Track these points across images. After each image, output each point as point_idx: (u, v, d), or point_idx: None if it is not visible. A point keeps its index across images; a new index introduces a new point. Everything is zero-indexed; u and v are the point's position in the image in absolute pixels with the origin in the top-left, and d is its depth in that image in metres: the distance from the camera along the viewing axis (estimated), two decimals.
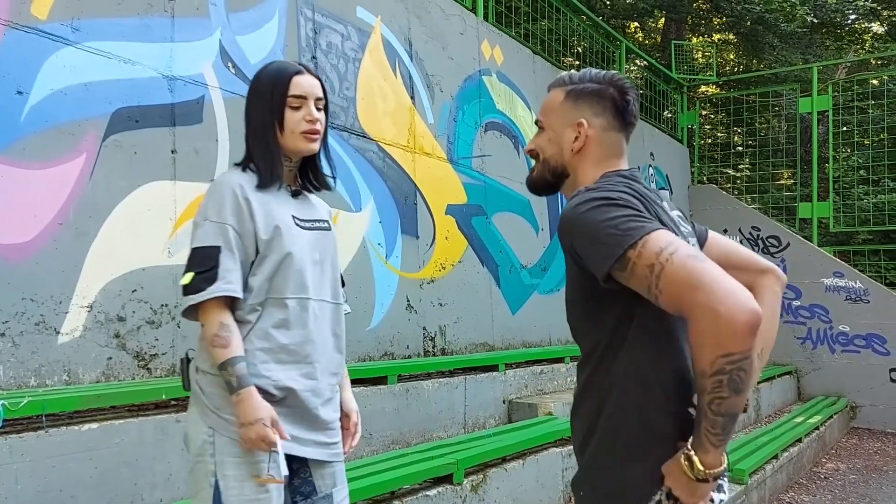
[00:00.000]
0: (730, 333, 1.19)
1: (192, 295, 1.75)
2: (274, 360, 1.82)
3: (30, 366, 3.08)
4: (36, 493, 2.55)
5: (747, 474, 5.18)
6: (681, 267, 1.24)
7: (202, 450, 1.79)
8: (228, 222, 1.80)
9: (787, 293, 9.81)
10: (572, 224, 1.38)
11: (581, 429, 1.55)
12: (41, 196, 3.17)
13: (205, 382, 1.83)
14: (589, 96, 1.55)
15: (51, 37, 3.25)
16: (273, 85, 1.90)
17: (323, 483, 1.92)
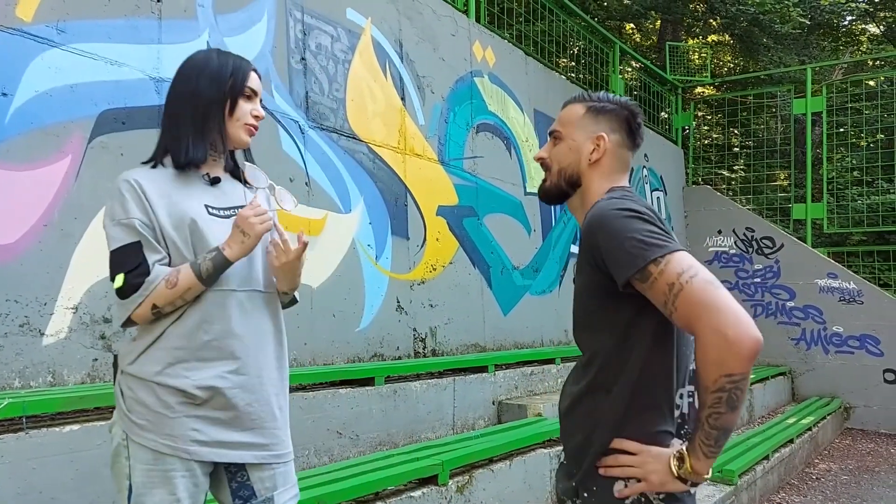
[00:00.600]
0: (734, 356, 1.32)
1: (135, 293, 1.71)
2: (195, 358, 1.75)
3: (14, 367, 3.08)
4: (15, 494, 2.55)
5: (737, 475, 5.18)
6: (699, 290, 1.36)
7: (118, 451, 1.78)
8: (135, 216, 1.74)
9: (781, 294, 9.84)
10: (602, 225, 1.49)
11: (580, 430, 1.58)
12: (26, 197, 3.17)
13: (125, 385, 1.78)
14: (608, 114, 1.68)
15: (36, 38, 3.25)
16: (233, 70, 1.86)
17: (262, 486, 1.84)
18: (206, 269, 1.73)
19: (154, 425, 1.72)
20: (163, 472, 1.71)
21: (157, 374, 1.73)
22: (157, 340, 1.75)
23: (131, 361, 1.76)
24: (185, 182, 1.82)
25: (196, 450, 1.73)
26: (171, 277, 1.71)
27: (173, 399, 1.72)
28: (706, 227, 10.56)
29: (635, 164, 9.19)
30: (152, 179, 1.79)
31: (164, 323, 1.75)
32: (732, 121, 12.11)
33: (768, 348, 9.89)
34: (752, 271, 10.10)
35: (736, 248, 10.26)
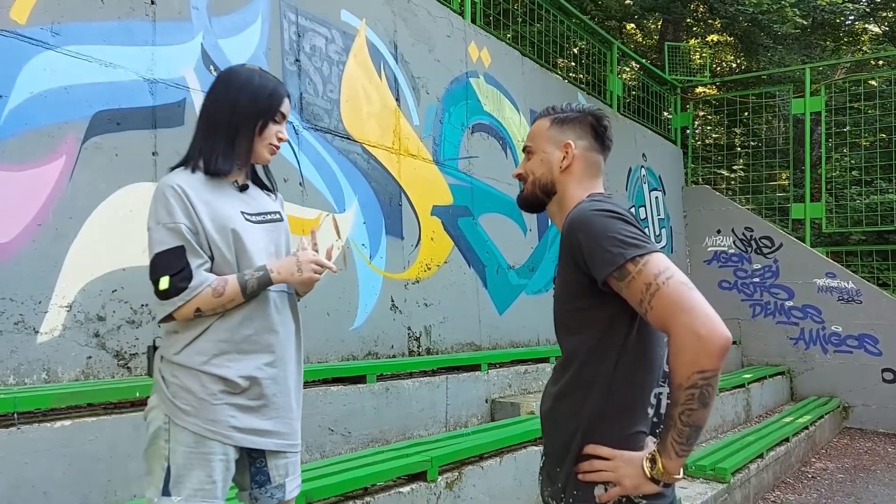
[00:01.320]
0: (706, 353, 1.38)
1: (178, 296, 1.83)
2: (237, 350, 1.90)
3: (9, 364, 3.13)
4: (8, 488, 2.60)
5: (729, 473, 5.21)
6: (674, 291, 1.42)
7: (157, 434, 1.88)
8: (180, 220, 1.86)
9: (780, 293, 9.85)
10: (584, 224, 1.54)
11: (560, 432, 1.62)
12: (20, 198, 3.22)
13: (167, 372, 1.90)
14: (572, 122, 1.76)
15: (30, 41, 3.30)
16: (270, 93, 2.02)
17: (277, 473, 2.01)
18: (252, 286, 1.90)
19: (197, 410, 1.85)
20: (202, 454, 1.85)
21: (204, 364, 1.87)
22: (203, 333, 1.89)
23: (177, 351, 1.89)
24: (219, 188, 1.97)
25: (233, 435, 1.88)
26: (218, 287, 1.86)
27: (216, 387, 1.87)
28: (705, 226, 10.58)
29: (633, 163, 9.23)
30: (192, 185, 1.92)
31: (208, 319, 1.89)
32: (732, 121, 12.13)
33: (766, 348, 9.91)
34: (750, 271, 10.12)
35: (735, 248, 10.28)
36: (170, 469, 1.84)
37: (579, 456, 1.57)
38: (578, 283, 1.56)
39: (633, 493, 1.53)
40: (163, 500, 1.84)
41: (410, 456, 3.56)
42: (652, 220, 9.73)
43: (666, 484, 1.52)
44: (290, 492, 2.04)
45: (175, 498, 1.83)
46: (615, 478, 1.52)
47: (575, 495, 1.57)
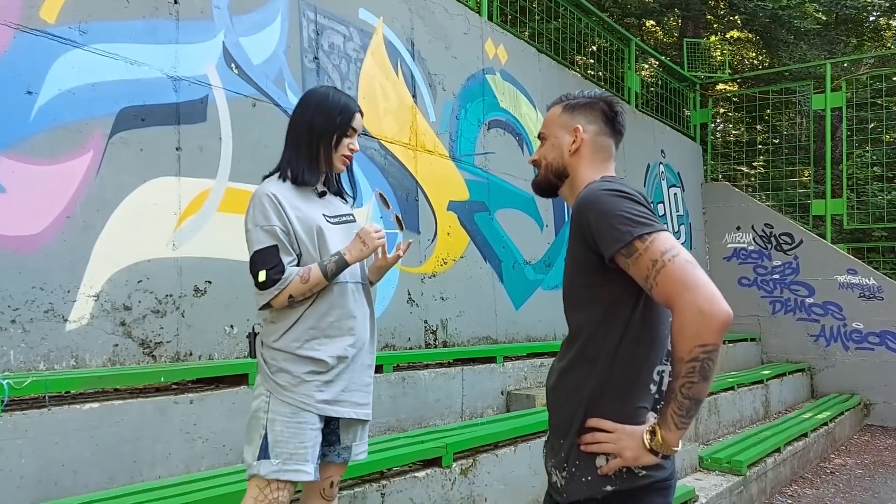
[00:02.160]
0: (707, 328, 1.45)
1: (272, 287, 2.17)
2: (324, 335, 2.23)
3: (39, 351, 3.26)
4: (39, 467, 2.72)
5: (745, 466, 5.24)
6: (679, 268, 1.48)
7: (259, 406, 2.21)
8: (275, 223, 2.20)
9: (800, 290, 9.80)
10: (594, 202, 1.60)
11: (564, 405, 1.68)
12: (49, 191, 3.35)
13: (267, 355, 2.24)
14: (583, 108, 1.83)
15: (59, 39, 3.43)
16: (342, 110, 2.34)
17: (346, 436, 2.34)
18: (331, 269, 2.21)
19: (294, 386, 2.18)
20: (297, 423, 2.17)
21: (298, 348, 2.20)
22: (296, 323, 2.22)
23: (276, 339, 2.23)
24: (304, 194, 2.31)
25: (323, 407, 2.20)
26: (304, 274, 2.19)
27: (308, 367, 2.20)
28: (725, 223, 10.54)
29: (651, 160, 9.24)
30: (283, 193, 2.26)
31: (300, 309, 2.23)
32: (752, 117, 12.06)
33: (786, 345, 9.86)
34: (770, 267, 10.08)
35: (754, 245, 10.25)
36: (266, 437, 2.15)
37: (582, 428, 1.63)
38: (587, 260, 1.62)
39: (633, 465, 1.59)
40: (261, 462, 2.14)
41: (426, 442, 3.64)
42: (671, 217, 9.72)
43: (665, 456, 1.58)
44: (355, 454, 2.36)
45: (274, 461, 2.13)
46: (616, 449, 1.58)
47: (577, 465, 1.64)
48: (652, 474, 1.61)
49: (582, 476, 1.63)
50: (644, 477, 1.60)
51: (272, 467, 2.13)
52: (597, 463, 1.61)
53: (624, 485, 1.60)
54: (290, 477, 2.15)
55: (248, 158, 4.19)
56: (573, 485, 1.64)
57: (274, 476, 2.14)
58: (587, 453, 1.63)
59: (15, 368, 3.14)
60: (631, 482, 1.60)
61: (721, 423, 6.93)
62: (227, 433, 3.37)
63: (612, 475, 1.60)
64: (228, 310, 4.02)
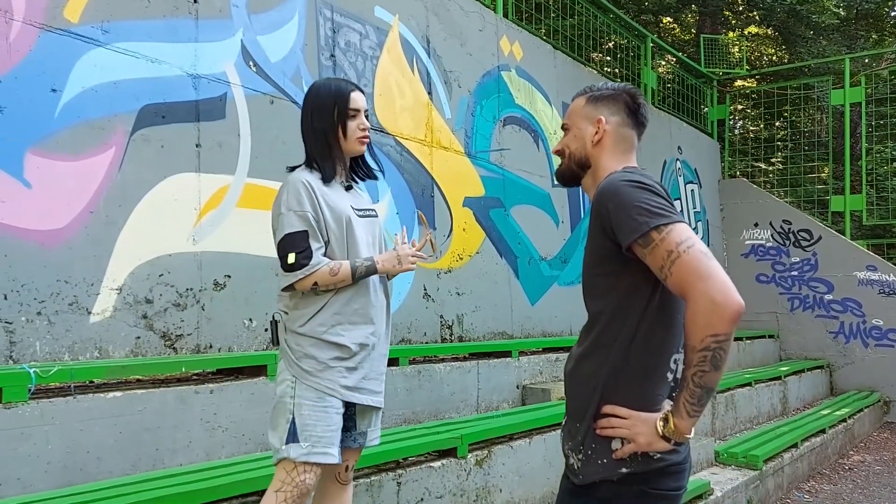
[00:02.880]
0: (720, 318, 1.48)
1: (299, 270, 2.22)
2: (348, 321, 2.29)
3: (64, 343, 3.35)
4: (65, 453, 2.80)
5: (762, 461, 5.23)
6: (695, 259, 1.51)
7: (284, 392, 2.26)
8: (308, 210, 2.26)
9: (819, 287, 9.74)
10: (614, 192, 1.63)
11: (582, 390, 1.72)
12: (73, 186, 3.43)
13: (292, 341, 2.29)
14: (606, 99, 1.85)
15: (82, 38, 3.51)
16: (335, 100, 2.36)
17: (362, 422, 2.40)
18: (360, 272, 2.29)
19: (319, 372, 2.24)
20: (323, 408, 2.23)
21: (324, 333, 2.25)
22: (322, 309, 2.27)
23: (302, 324, 2.28)
24: (333, 186, 2.37)
25: (345, 393, 2.27)
26: (334, 267, 2.25)
27: (333, 353, 2.25)
28: (742, 219, 10.49)
29: (668, 156, 9.22)
30: (316, 182, 2.32)
31: (325, 296, 2.28)
32: (770, 113, 11.99)
33: (805, 342, 9.80)
34: (789, 264, 10.02)
35: (772, 241, 10.19)
36: (294, 421, 2.21)
37: (598, 413, 1.67)
38: (605, 248, 1.66)
39: (646, 450, 1.62)
40: (291, 446, 2.19)
41: (441, 433, 3.69)
42: (688, 214, 9.69)
43: (677, 443, 1.61)
44: (370, 440, 2.43)
45: (304, 444, 2.19)
46: (630, 435, 1.62)
47: (594, 448, 1.67)
48: (666, 457, 1.64)
49: (598, 458, 1.66)
50: (659, 460, 1.63)
51: (302, 450, 2.19)
52: (612, 446, 1.65)
53: (639, 467, 1.63)
54: (320, 460, 2.20)
55: (266, 155, 4.25)
56: (589, 467, 1.67)
57: (304, 459, 2.19)
58: (603, 437, 1.66)
59: (41, 359, 3.23)
60: (646, 465, 1.63)
61: (738, 418, 6.91)
62: (247, 422, 3.44)
63: (626, 458, 1.63)
64: (247, 304, 4.09)
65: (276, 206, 2.31)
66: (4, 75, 3.22)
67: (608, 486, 1.65)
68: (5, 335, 3.15)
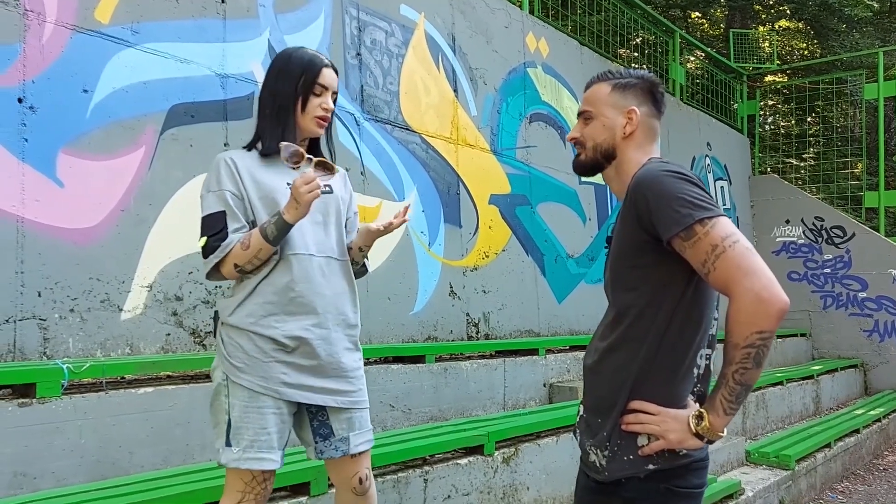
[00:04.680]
0: (766, 315, 1.45)
1: (212, 255, 2.01)
2: (284, 312, 2.03)
3: (96, 339, 3.40)
4: (97, 447, 2.84)
5: (794, 460, 5.15)
6: (740, 255, 1.48)
7: (218, 390, 2.06)
8: (226, 188, 2.04)
9: (853, 284, 9.55)
10: (653, 183, 1.58)
11: (606, 384, 1.69)
12: (105, 185, 3.49)
13: (224, 333, 2.07)
14: (633, 88, 1.77)
15: (113, 39, 3.56)
16: (304, 69, 2.12)
17: (339, 427, 2.13)
18: (271, 231, 1.98)
19: (250, 368, 2.01)
20: (257, 408, 2.00)
21: (253, 325, 2.02)
22: (250, 295, 2.04)
23: (230, 313, 2.05)
24: (272, 164, 2.12)
25: (284, 390, 2.02)
26: (244, 240, 1.99)
27: (267, 346, 2.02)
28: (773, 216, 10.33)
29: (697, 152, 9.12)
30: (244, 158, 2.10)
31: (254, 280, 2.04)
32: (801, 108, 11.79)
33: (838, 340, 9.63)
34: (821, 262, 9.85)
35: (804, 238, 10.02)
36: (230, 420, 2.00)
37: (625, 409, 1.64)
38: (640, 240, 1.61)
39: (676, 447, 1.59)
40: (225, 450, 2.00)
41: (468, 431, 3.68)
42: None
43: (710, 441, 1.58)
44: (355, 445, 2.14)
45: (234, 448, 1.98)
46: (660, 431, 1.59)
47: (619, 444, 1.64)
48: (691, 454, 1.62)
49: (623, 455, 1.63)
50: (684, 456, 1.61)
51: (232, 455, 1.99)
52: (638, 442, 1.62)
53: (665, 464, 1.60)
54: (252, 465, 1.98)
55: None
56: (614, 463, 1.63)
57: (235, 465, 1.99)
58: (629, 433, 1.63)
59: (73, 355, 3.28)
60: (672, 461, 1.60)
61: (769, 418, 6.81)
62: None
63: (654, 454, 1.60)
64: None
65: (201, 189, 2.11)
66: (37, 76, 3.28)
67: (634, 484, 1.62)
68: (39, 332, 3.21)
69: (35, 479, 2.66)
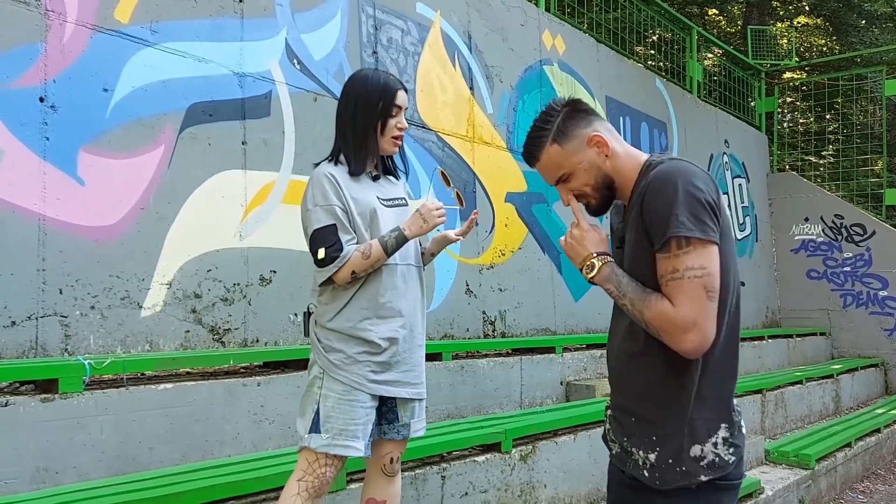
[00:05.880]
0: (672, 340, 1.52)
1: (331, 264, 2.23)
2: (376, 315, 2.28)
3: (116, 336, 3.43)
4: (118, 443, 2.87)
5: (814, 460, 5.11)
6: (693, 292, 1.49)
7: (312, 383, 2.29)
8: (334, 203, 2.26)
9: (873, 283, 9.45)
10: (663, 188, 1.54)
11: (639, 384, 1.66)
12: (125, 183, 3.52)
13: (322, 335, 2.30)
14: (568, 121, 1.69)
15: (132, 39, 3.60)
16: (382, 94, 2.32)
17: (404, 414, 2.39)
18: (391, 244, 2.26)
19: (346, 366, 2.24)
20: (348, 401, 2.23)
21: (351, 328, 2.26)
22: (348, 303, 2.28)
23: (329, 319, 2.28)
24: (358, 178, 2.35)
25: (373, 386, 2.26)
26: (365, 250, 2.24)
27: (361, 346, 2.26)
28: (792, 214, 10.23)
29: (715, 150, 9.05)
30: (340, 175, 2.31)
31: (351, 290, 2.28)
32: (820, 105, 11.67)
33: (858, 339, 9.52)
34: (841, 259, 9.74)
35: (824, 236, 9.92)
36: (318, 412, 2.22)
37: (692, 418, 1.62)
38: (648, 244, 1.58)
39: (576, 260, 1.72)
40: (312, 436, 2.21)
41: (485, 428, 3.68)
42: (735, 208, 9.50)
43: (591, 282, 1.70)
44: (414, 431, 2.41)
45: (324, 435, 2.20)
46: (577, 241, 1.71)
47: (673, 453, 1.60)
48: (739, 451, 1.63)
49: (677, 465, 1.59)
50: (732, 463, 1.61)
51: (322, 441, 2.19)
52: (691, 453, 1.58)
53: (717, 473, 1.58)
54: (339, 451, 2.20)
55: (309, 151, 4.30)
56: (669, 474, 1.60)
57: (323, 450, 2.19)
58: (685, 445, 1.59)
59: (94, 352, 3.32)
60: (723, 469, 1.59)
61: (788, 417, 6.76)
62: (293, 415, 3.45)
63: (704, 465, 1.57)
64: (292, 299, 4.14)
65: (303, 203, 2.31)
66: (58, 75, 3.31)
67: (684, 493, 1.60)
68: (61, 328, 3.24)
69: (57, 474, 2.70)
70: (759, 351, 8.07)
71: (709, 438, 1.59)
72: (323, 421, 2.20)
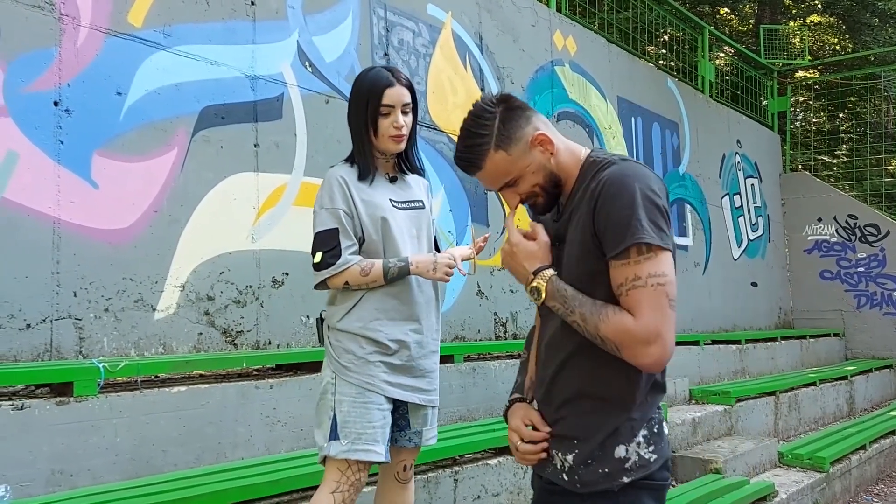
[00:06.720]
0: (631, 354, 1.43)
1: (325, 269, 2.21)
2: (387, 317, 2.25)
3: (130, 338, 3.45)
4: (132, 445, 2.88)
5: (828, 462, 5.07)
6: (656, 301, 1.42)
7: (325, 389, 2.26)
8: (339, 207, 2.24)
9: (887, 283, 9.38)
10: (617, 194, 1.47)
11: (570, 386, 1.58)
12: (138, 186, 3.54)
13: (333, 337, 2.27)
14: (508, 123, 1.60)
15: (145, 42, 3.61)
16: (369, 96, 2.28)
17: (416, 421, 2.36)
18: (393, 273, 2.24)
19: (358, 368, 2.22)
20: (363, 403, 2.20)
21: (361, 329, 2.23)
22: (358, 303, 2.25)
23: (339, 320, 2.26)
24: (374, 180, 2.33)
25: (386, 388, 2.23)
26: (365, 267, 2.22)
27: (371, 348, 2.23)
28: (805, 214, 10.17)
29: (727, 150, 9.00)
30: (352, 177, 2.30)
31: (359, 292, 2.25)
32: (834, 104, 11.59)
33: (872, 340, 9.45)
34: (855, 260, 9.68)
35: (837, 237, 9.85)
36: (335, 418, 2.19)
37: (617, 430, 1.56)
38: (595, 243, 1.51)
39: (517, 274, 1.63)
40: (332, 443, 2.18)
41: (497, 431, 3.67)
42: (748, 209, 9.44)
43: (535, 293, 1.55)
44: (426, 440, 2.38)
45: (343, 441, 2.16)
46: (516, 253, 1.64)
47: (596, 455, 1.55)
48: (663, 454, 1.56)
49: (599, 467, 1.53)
50: (657, 461, 1.54)
51: (342, 447, 2.15)
52: (615, 454, 1.53)
53: (639, 473, 1.52)
54: (361, 457, 2.15)
55: (321, 154, 4.30)
56: (588, 475, 1.54)
57: (344, 456, 2.15)
58: (607, 445, 1.54)
59: (108, 354, 3.33)
60: (645, 470, 1.53)
61: (801, 419, 6.71)
62: (305, 418, 3.48)
63: (627, 467, 1.52)
64: (304, 301, 4.15)
65: (314, 204, 2.31)
66: (73, 79, 3.33)
67: (608, 497, 1.54)
68: (75, 331, 3.26)
69: (72, 477, 2.71)
70: (772, 352, 8.02)
71: (633, 438, 1.53)
72: (341, 426, 2.17)
